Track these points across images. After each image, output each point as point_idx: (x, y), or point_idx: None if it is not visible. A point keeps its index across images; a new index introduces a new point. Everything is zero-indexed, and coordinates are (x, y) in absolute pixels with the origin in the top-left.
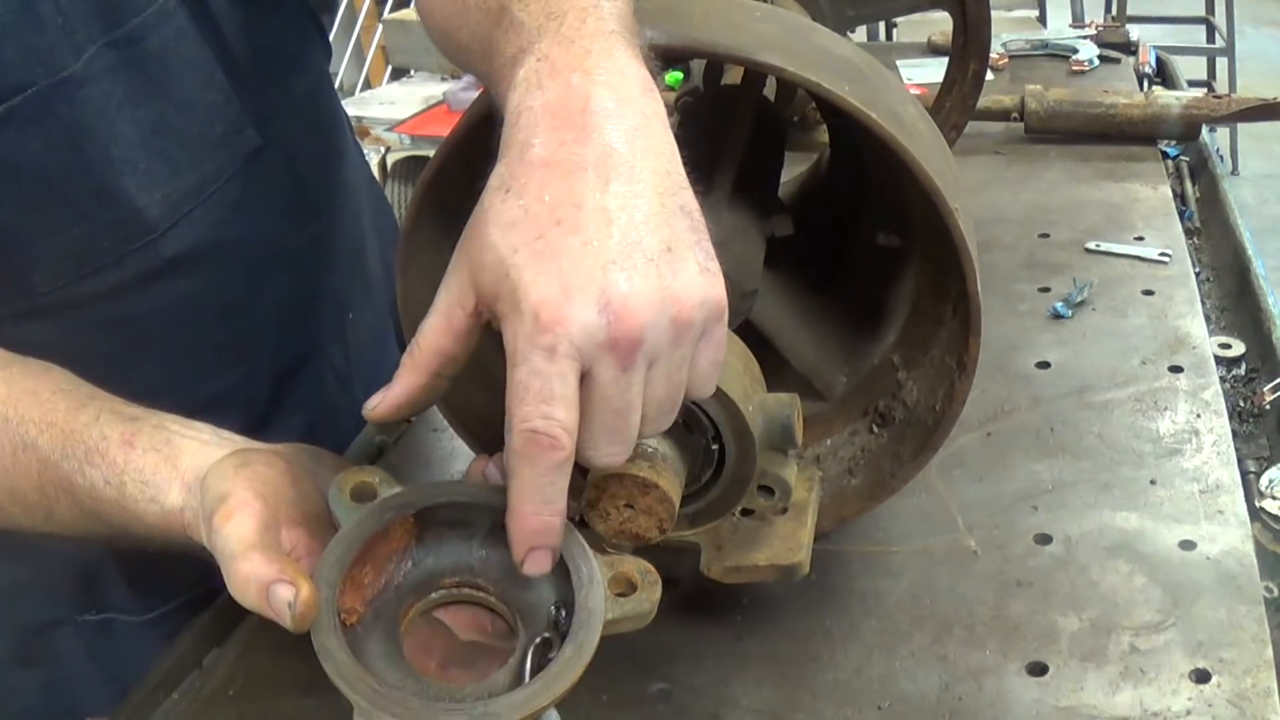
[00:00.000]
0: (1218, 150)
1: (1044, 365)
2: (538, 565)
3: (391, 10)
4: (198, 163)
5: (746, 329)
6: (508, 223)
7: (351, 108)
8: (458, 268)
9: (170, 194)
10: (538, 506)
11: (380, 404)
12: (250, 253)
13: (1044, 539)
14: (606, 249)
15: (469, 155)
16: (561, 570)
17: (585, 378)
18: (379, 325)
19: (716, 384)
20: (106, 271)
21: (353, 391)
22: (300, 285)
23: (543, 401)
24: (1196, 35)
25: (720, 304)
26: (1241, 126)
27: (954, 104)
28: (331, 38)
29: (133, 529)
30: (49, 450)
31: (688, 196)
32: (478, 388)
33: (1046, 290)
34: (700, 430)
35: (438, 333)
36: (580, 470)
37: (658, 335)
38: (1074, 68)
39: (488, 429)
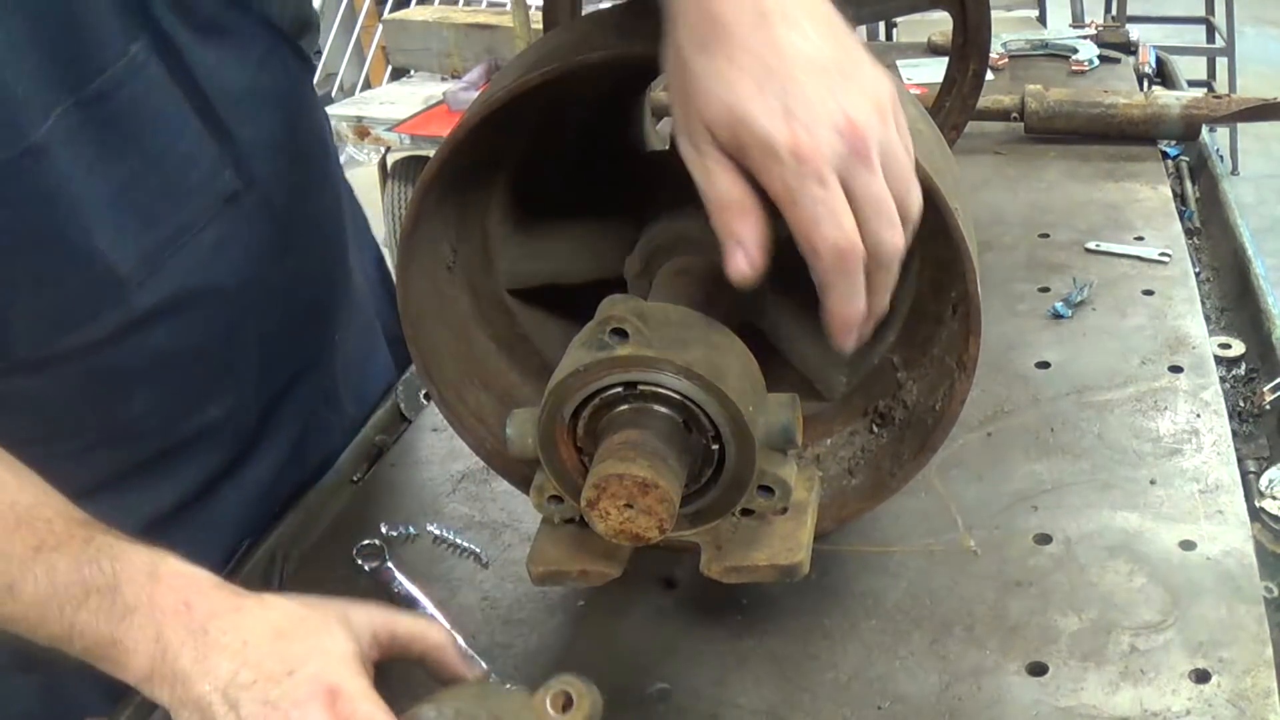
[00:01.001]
0: (1218, 150)
1: (1044, 365)
2: (856, 342)
3: (391, 10)
4: (173, 213)
5: (746, 329)
6: (729, 81)
7: (351, 108)
8: (692, 134)
9: (144, 247)
10: (856, 302)
11: (748, 260)
12: (229, 294)
13: (1044, 539)
14: (816, 81)
15: (469, 155)
16: None
17: (844, 189)
18: (365, 333)
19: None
20: (83, 328)
21: (341, 405)
22: (283, 317)
23: (835, 220)
24: (1196, 35)
25: (890, 84)
26: (1241, 126)
27: (954, 104)
28: (331, 38)
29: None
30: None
31: (832, 12)
32: (478, 388)
33: (1046, 290)
34: (700, 430)
35: (728, 185)
36: (581, 471)
37: (878, 130)
38: (1074, 68)
39: (487, 429)
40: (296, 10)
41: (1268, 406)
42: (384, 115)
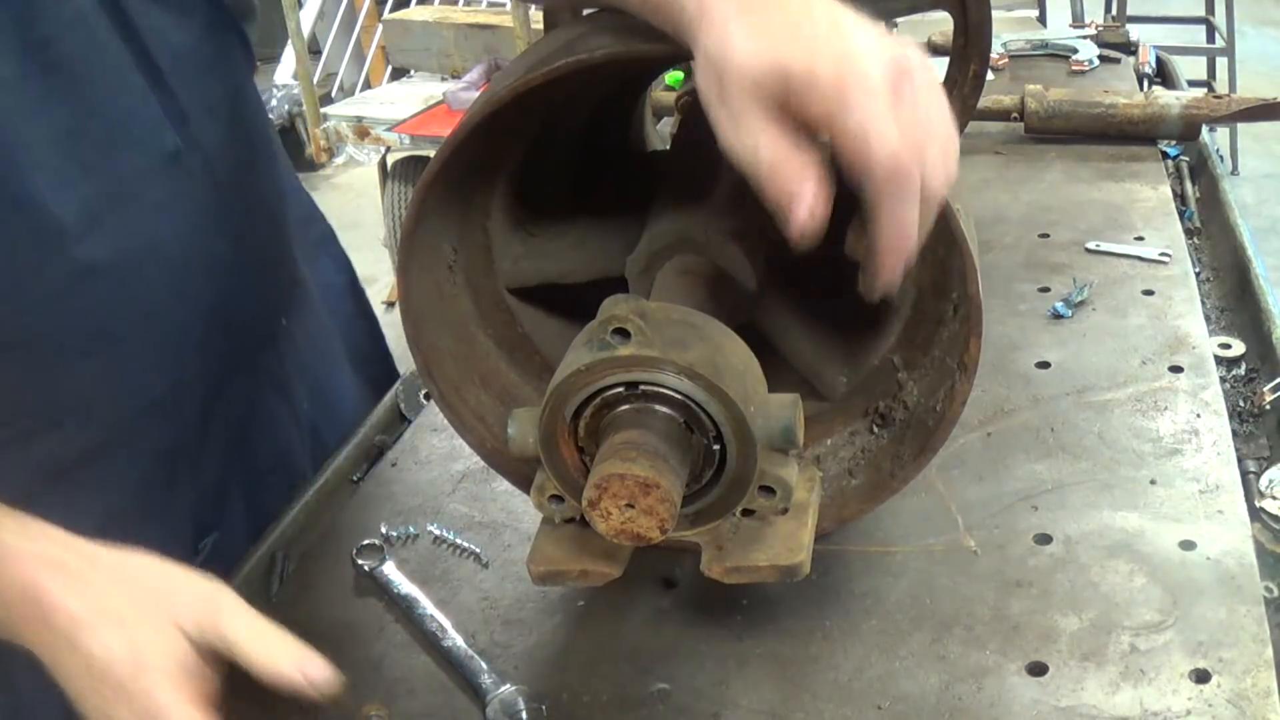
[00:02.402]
0: (1218, 150)
1: (1044, 365)
2: (900, 276)
3: (391, 10)
4: (113, 166)
5: (747, 329)
6: (769, 32)
7: (351, 108)
8: (730, 101)
9: (85, 198)
10: (909, 221)
11: (810, 209)
12: (171, 258)
13: (1044, 539)
14: (854, 28)
15: (470, 155)
16: None
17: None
18: (322, 339)
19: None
20: (24, 284)
21: (294, 400)
22: (224, 290)
23: (885, 129)
24: (1196, 35)
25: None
26: (1241, 126)
27: (954, 104)
28: (331, 38)
29: None
30: None
31: None
32: (478, 388)
33: (1046, 290)
34: (701, 430)
35: (773, 143)
36: (582, 471)
37: (919, 67)
38: (1074, 68)
39: (487, 429)
40: None
41: (1268, 406)
42: (384, 115)
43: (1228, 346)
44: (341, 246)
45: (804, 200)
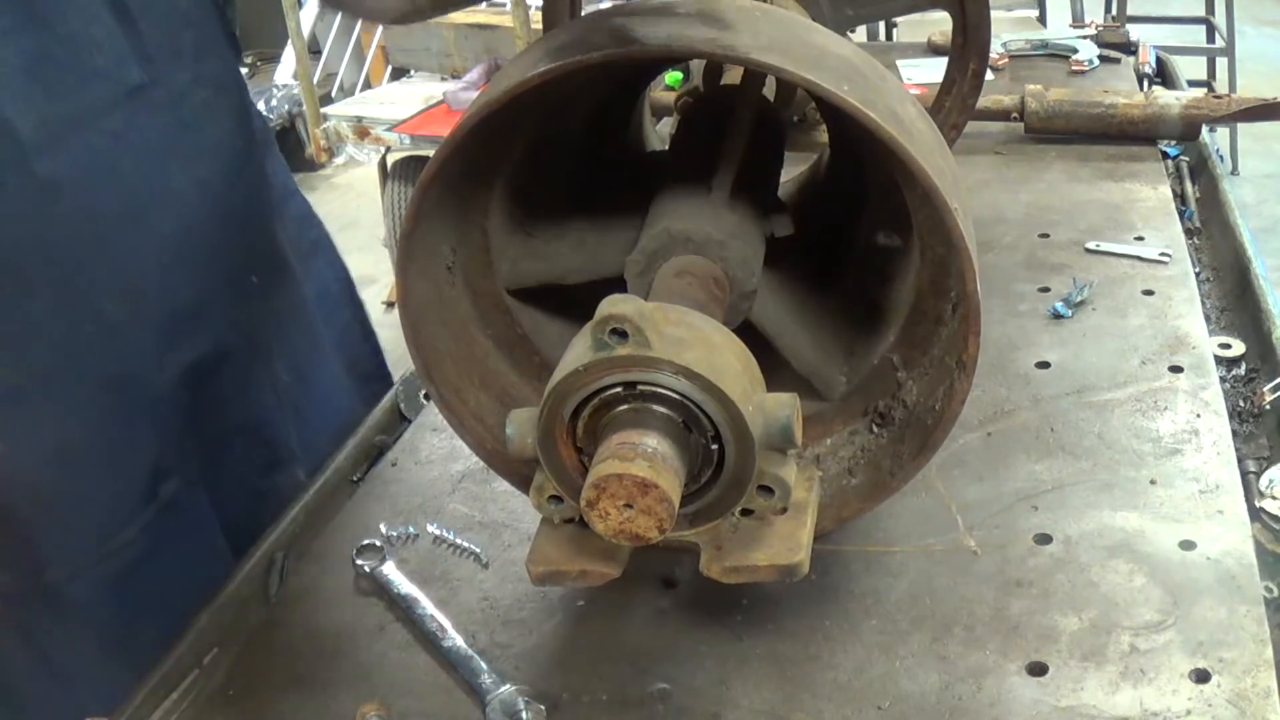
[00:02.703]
0: (1218, 150)
1: (1044, 365)
2: None
3: None
4: (77, 91)
5: (746, 329)
6: None
7: (351, 108)
8: None
9: (46, 116)
10: None
11: None
12: (130, 186)
13: (1044, 539)
14: None
15: (469, 155)
16: None
17: None
18: (309, 323)
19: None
20: None
21: (271, 367)
22: (184, 226)
23: None
24: (1196, 35)
25: None
26: (1241, 126)
27: (954, 104)
28: (331, 38)
29: None
30: None
31: None
32: (477, 388)
33: (1046, 290)
34: (700, 430)
35: None
36: (580, 471)
37: None
38: (1074, 68)
39: (487, 429)
40: None
41: (1268, 406)
42: (384, 115)
43: (1228, 346)
44: (338, 253)
45: None
